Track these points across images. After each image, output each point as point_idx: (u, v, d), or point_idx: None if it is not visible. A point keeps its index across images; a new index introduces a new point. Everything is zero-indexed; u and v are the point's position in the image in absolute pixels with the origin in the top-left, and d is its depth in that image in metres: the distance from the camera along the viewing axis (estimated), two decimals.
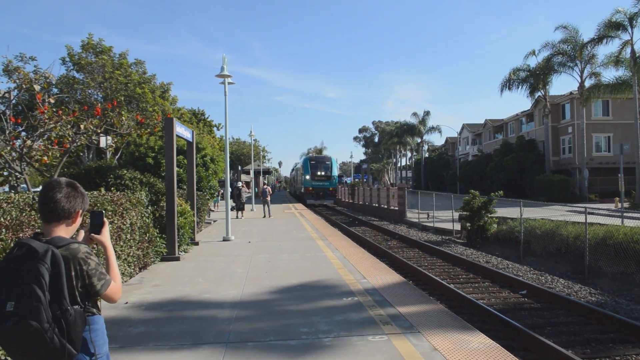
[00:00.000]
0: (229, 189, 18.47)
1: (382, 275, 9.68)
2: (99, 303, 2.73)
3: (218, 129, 41.43)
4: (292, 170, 72.77)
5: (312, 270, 10.39)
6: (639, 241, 12.49)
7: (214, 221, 23.49)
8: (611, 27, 34.55)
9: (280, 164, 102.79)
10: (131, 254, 9.41)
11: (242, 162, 70.00)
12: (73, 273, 2.45)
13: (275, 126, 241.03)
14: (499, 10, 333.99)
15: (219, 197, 31.15)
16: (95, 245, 2.91)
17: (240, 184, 27.84)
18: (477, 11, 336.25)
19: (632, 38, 33.84)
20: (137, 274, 9.99)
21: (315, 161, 48.48)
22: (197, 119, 36.72)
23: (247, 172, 58.64)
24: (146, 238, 10.44)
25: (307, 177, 46.58)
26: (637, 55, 33.69)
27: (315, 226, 20.65)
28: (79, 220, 2.73)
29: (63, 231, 2.62)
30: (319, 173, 46.48)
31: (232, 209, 23.37)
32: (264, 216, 26.38)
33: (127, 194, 10.21)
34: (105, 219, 2.84)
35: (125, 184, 12.04)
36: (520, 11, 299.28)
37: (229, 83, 16.93)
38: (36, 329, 2.25)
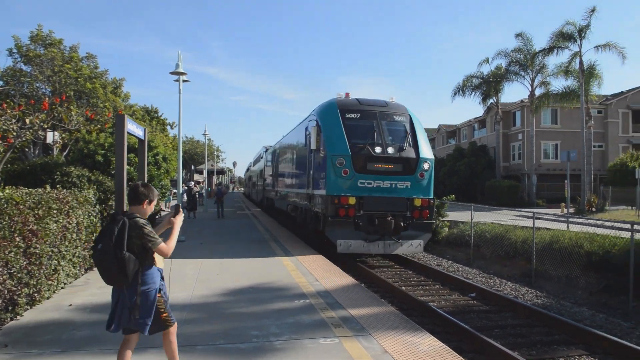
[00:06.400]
0: (182, 189, 18.15)
1: (334, 278, 9.67)
2: (155, 259, 4.26)
3: (172, 128, 40.73)
4: (262, 154, 33.99)
5: (265, 272, 10.29)
6: (583, 246, 12.93)
7: None
8: (562, 38, 35.73)
9: (234, 164, 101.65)
10: (77, 254, 9.08)
11: (195, 161, 68.87)
12: (133, 233, 4.02)
13: (230, 126, 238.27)
14: (456, 19, 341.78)
15: (171, 197, 30.55)
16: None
17: (192, 183, 27.45)
18: (435, 20, 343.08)
19: (580, 49, 35.10)
20: (82, 275, 9.65)
21: (361, 113, 13.97)
22: (150, 116, 35.99)
23: (200, 172, 53.37)
24: (93, 238, 10.11)
25: (339, 162, 12.94)
26: (585, 66, 35.00)
27: (269, 228, 20.52)
28: (146, 206, 4.34)
29: (137, 210, 4.24)
30: (377, 149, 13.27)
31: (183, 209, 22.94)
32: (218, 217, 26.06)
33: (74, 192, 9.87)
34: (180, 210, 4.60)
35: (73, 182, 11.63)
36: (476, 21, 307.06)
37: (184, 81, 16.66)
38: (107, 258, 3.95)
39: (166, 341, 4.50)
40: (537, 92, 40.74)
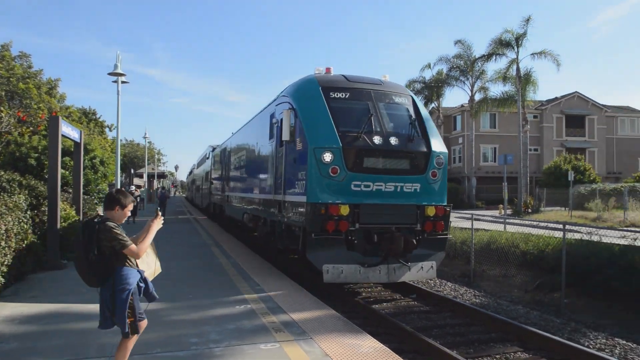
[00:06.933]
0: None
1: (276, 282, 9.64)
2: (131, 260, 4.51)
3: (110, 130, 39.44)
4: (207, 154, 31.84)
5: (206, 277, 10.15)
6: (519, 246, 13.40)
7: None
8: (500, 45, 37.09)
9: (176, 167, 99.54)
10: (6, 263, 8.63)
11: (135, 165, 66.91)
12: (102, 236, 4.29)
13: (172, 129, 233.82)
14: (401, 25, 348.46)
15: None
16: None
17: (133, 187, 26.78)
18: (381, 26, 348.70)
19: (518, 56, 36.49)
20: (12, 284, 9.19)
21: (351, 93, 10.68)
22: (87, 118, 34.77)
23: (140, 176, 50.98)
24: (24, 245, 9.65)
25: (325, 157, 9.52)
26: (522, 72, 36.39)
27: (210, 232, 20.24)
28: (119, 211, 4.56)
29: (110, 215, 4.52)
30: (376, 140, 10.02)
31: None
32: None
33: (4, 197, 9.41)
34: (158, 213, 4.80)
35: (2, 187, 11.09)
36: (419, 27, 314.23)
37: (123, 82, 16.28)
38: (79, 261, 4.38)
39: (121, 347, 4.60)
40: (477, 97, 42.10)
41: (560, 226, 11.84)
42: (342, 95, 10.46)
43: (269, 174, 12.56)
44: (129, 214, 4.73)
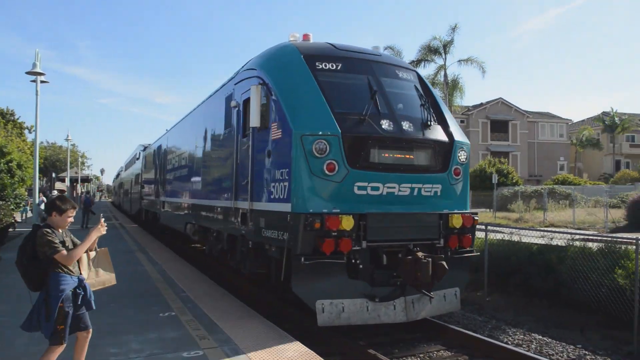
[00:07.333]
0: (39, 199, 16.84)
1: (204, 288, 9.49)
2: (69, 267, 4.51)
3: (30, 132, 37.50)
4: (138, 155, 27.88)
5: (129, 285, 9.77)
6: None
7: (21, 234, 21.19)
8: (429, 52, 38.28)
9: (102, 171, 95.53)
10: None
11: (58, 168, 63.89)
12: (37, 241, 4.37)
13: (99, 131, 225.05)
14: (335, 31, 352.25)
15: (27, 207, 28.10)
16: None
17: (55, 192, 25.61)
18: (315, 30, 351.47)
19: (445, 63, 37.78)
20: None
21: (344, 64, 8.06)
22: (5, 119, 32.96)
23: (63, 180, 48.31)
24: None
25: (317, 148, 6.88)
26: (450, 79, 37.70)
27: (135, 237, 19.65)
28: (56, 216, 4.57)
29: (50, 220, 4.58)
30: (385, 124, 7.45)
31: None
32: (82, 226, 24.40)
33: None
34: (101, 220, 4.87)
35: None
36: (349, 32, 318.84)
37: (43, 82, 15.59)
38: (17, 266, 4.56)
39: (46, 354, 4.52)
40: None
41: (482, 227, 12.28)
42: (333, 66, 7.94)
43: (226, 174, 9.87)
44: (70, 219, 4.70)
